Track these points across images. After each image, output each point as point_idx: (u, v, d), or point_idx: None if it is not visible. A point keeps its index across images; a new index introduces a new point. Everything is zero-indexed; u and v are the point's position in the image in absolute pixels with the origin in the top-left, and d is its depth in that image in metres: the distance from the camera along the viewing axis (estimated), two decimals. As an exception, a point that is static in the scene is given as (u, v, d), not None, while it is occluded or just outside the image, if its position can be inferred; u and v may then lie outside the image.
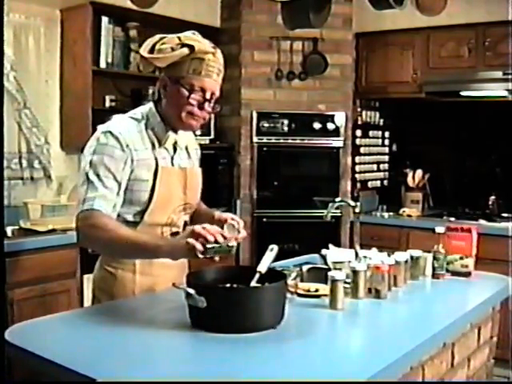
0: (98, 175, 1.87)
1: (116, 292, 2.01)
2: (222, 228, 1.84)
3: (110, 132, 1.91)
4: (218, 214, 2.12)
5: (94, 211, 1.84)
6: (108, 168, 1.88)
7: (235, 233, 1.89)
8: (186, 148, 2.13)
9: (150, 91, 4.00)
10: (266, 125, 4.36)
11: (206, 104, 1.96)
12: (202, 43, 1.93)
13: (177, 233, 2.05)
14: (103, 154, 1.89)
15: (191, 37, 1.95)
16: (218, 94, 2.00)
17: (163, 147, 2.02)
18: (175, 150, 2.06)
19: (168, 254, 1.76)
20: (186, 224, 2.09)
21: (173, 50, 1.91)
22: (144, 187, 1.95)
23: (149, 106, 2.05)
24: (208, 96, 1.96)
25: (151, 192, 1.95)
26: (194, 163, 2.18)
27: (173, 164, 2.05)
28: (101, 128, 1.96)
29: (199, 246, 1.66)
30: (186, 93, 1.93)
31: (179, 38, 1.92)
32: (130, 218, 1.97)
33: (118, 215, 1.94)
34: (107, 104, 3.93)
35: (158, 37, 1.97)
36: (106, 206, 1.86)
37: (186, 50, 1.90)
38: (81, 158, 1.97)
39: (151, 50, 1.94)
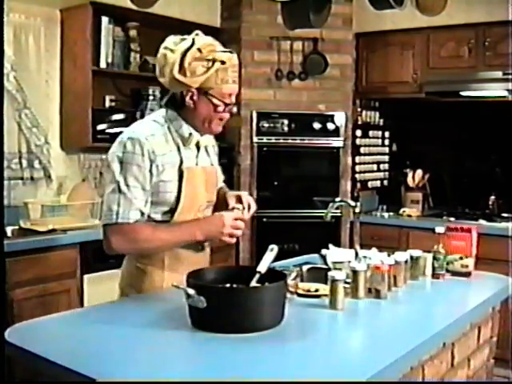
0: (127, 186, 1.92)
1: (145, 287, 2.06)
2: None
3: (137, 139, 1.93)
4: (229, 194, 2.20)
5: (131, 225, 1.92)
6: (137, 178, 1.93)
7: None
8: (205, 146, 2.18)
9: (150, 91, 4.00)
10: (266, 125, 4.36)
11: (230, 106, 2.04)
12: (226, 52, 1.99)
13: None
14: (132, 164, 1.92)
15: (215, 47, 1.97)
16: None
17: (187, 148, 2.06)
18: (198, 149, 2.11)
19: (205, 239, 2.05)
20: None
21: (208, 69, 1.93)
22: (170, 188, 2.00)
23: (165, 111, 2.06)
24: (233, 99, 2.03)
25: (178, 192, 2.00)
26: (212, 160, 2.23)
27: (197, 163, 2.10)
28: (127, 133, 1.98)
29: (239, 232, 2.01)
30: (219, 102, 1.99)
31: (202, 52, 1.93)
32: (158, 217, 2.02)
33: (148, 216, 1.99)
34: (107, 104, 3.93)
35: (179, 53, 1.93)
36: (139, 216, 1.94)
37: (218, 65, 1.94)
38: (104, 161, 2.05)
39: (180, 68, 1.93)
